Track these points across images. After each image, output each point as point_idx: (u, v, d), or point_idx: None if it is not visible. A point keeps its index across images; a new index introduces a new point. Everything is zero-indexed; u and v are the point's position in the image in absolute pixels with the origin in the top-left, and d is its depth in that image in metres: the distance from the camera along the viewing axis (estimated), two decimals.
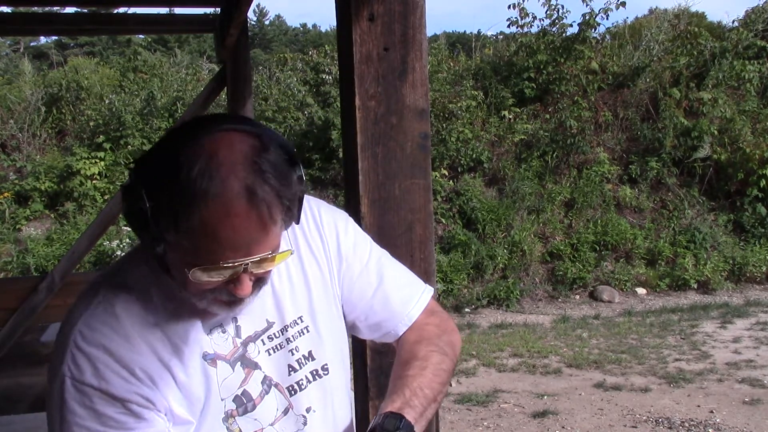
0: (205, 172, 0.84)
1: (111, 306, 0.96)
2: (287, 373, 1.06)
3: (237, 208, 0.84)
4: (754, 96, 10.39)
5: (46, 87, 11.12)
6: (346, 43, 1.30)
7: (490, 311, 8.40)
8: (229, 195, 0.84)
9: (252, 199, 0.85)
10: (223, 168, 0.84)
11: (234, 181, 0.84)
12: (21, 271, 8.77)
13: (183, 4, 4.02)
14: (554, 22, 10.84)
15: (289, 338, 1.06)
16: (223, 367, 1.00)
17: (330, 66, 10.81)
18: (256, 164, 0.86)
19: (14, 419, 3.48)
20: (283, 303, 1.06)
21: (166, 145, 0.89)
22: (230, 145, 0.87)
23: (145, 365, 0.94)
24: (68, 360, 0.93)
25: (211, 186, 0.83)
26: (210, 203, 0.83)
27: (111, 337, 0.94)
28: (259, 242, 0.88)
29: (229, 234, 0.85)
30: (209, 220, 0.84)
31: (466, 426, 4.60)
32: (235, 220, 0.84)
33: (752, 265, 8.97)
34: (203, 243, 0.86)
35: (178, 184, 0.84)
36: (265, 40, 33.03)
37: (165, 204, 0.85)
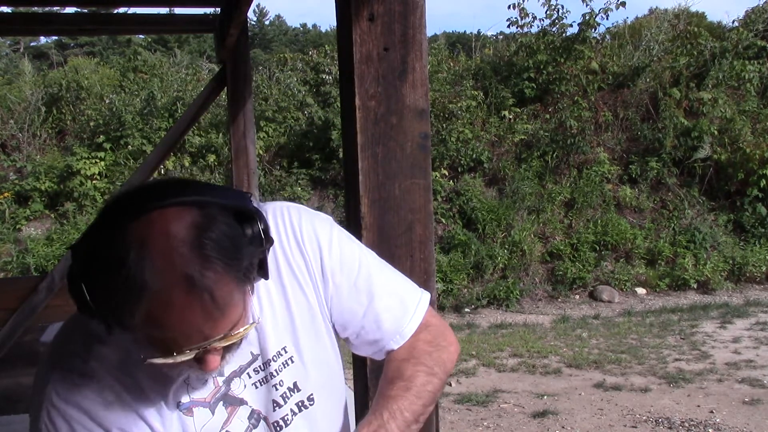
0: (139, 265, 0.78)
1: (85, 360, 0.93)
2: (272, 408, 1.03)
3: (178, 300, 0.79)
4: (754, 96, 10.39)
5: (46, 87, 11.12)
6: (346, 43, 1.30)
7: (490, 311, 8.40)
8: (167, 288, 0.78)
9: (192, 290, 0.79)
10: (159, 258, 0.79)
11: (171, 273, 0.79)
12: (21, 271, 8.77)
13: (183, 4, 4.02)
14: (554, 22, 10.85)
15: (272, 373, 1.02)
16: (200, 413, 0.98)
17: (330, 66, 10.81)
18: (196, 248, 0.80)
19: (14, 419, 3.47)
20: (266, 334, 1.02)
21: (100, 232, 0.83)
22: (166, 230, 0.80)
23: (121, 423, 0.93)
24: (44, 417, 0.92)
25: (148, 279, 0.78)
26: (149, 298, 0.78)
27: (85, 395, 0.92)
28: (212, 327, 0.83)
29: (176, 325, 0.80)
30: (153, 314, 0.79)
31: (466, 426, 4.60)
32: (179, 313, 0.80)
33: (752, 265, 8.98)
34: (153, 335, 0.82)
35: (113, 279, 0.79)
36: (265, 40, 33.03)
37: (105, 300, 0.80)
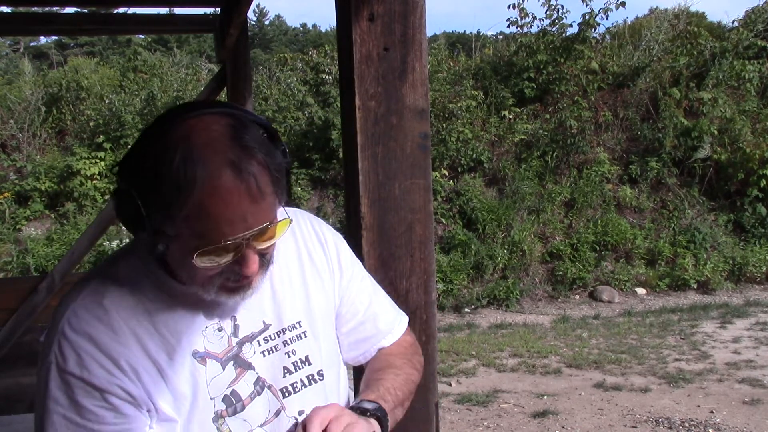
0: (187, 159, 0.85)
1: (100, 297, 0.96)
2: (282, 374, 1.06)
3: (225, 185, 0.86)
4: (754, 96, 10.39)
5: (46, 87, 11.12)
6: (346, 43, 1.30)
7: (490, 311, 8.40)
8: (214, 174, 0.85)
9: (238, 173, 0.86)
10: (205, 150, 0.86)
11: (217, 160, 0.86)
12: (21, 271, 8.77)
13: (183, 4, 4.02)
14: (554, 22, 10.85)
15: (286, 341, 1.06)
16: (212, 365, 1.00)
17: (330, 66, 10.81)
18: (236, 140, 0.88)
19: (14, 419, 3.47)
20: (282, 306, 1.07)
21: (145, 142, 0.91)
22: (206, 127, 0.89)
23: (130, 358, 0.94)
24: (55, 348, 0.94)
25: (196, 169, 0.85)
26: (198, 186, 0.85)
27: (97, 327, 0.94)
28: (254, 214, 0.89)
29: (222, 211, 0.86)
30: (201, 202, 0.85)
31: (466, 426, 4.60)
32: (226, 197, 0.86)
33: (752, 265, 8.97)
34: (201, 226, 0.87)
35: (163, 177, 0.86)
36: (265, 40, 33.02)
37: (156, 199, 0.87)
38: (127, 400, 0.94)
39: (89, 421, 0.93)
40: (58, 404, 0.93)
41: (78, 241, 4.18)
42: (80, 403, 0.92)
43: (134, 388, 0.94)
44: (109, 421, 0.93)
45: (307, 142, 10.21)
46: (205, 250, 0.89)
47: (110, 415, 0.93)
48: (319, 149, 10.11)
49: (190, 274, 0.94)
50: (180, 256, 0.92)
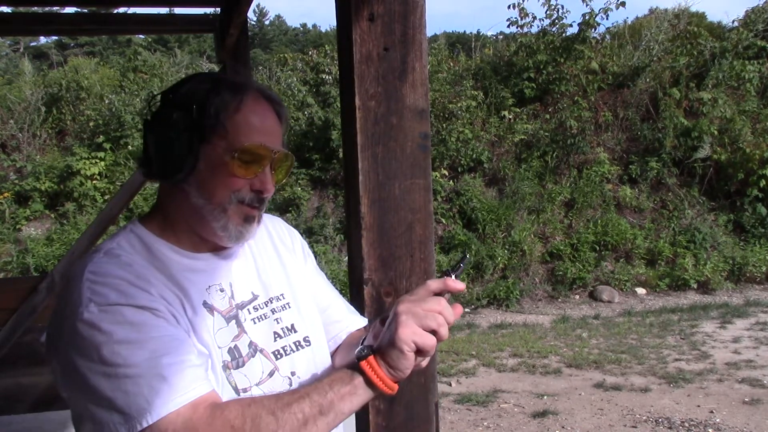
0: (235, 83, 1.10)
1: (115, 257, 1.03)
2: (273, 339, 1.14)
3: (262, 102, 1.11)
4: (754, 96, 10.39)
5: (46, 87, 11.13)
6: (346, 43, 1.31)
7: (490, 311, 8.40)
8: (254, 93, 1.10)
9: (268, 98, 1.13)
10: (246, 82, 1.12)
11: (257, 88, 1.13)
12: (21, 271, 8.77)
13: (183, 4, 4.02)
14: (554, 22, 10.86)
15: (274, 309, 1.17)
16: (218, 318, 1.08)
17: (330, 66, 10.82)
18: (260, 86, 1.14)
19: (14, 419, 3.48)
20: (266, 279, 1.19)
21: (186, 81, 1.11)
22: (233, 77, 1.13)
23: (161, 292, 1.01)
24: (87, 294, 0.95)
25: (244, 86, 1.09)
26: (248, 95, 1.08)
27: (122, 272, 1.00)
28: (278, 137, 1.12)
29: (262, 120, 1.09)
30: (249, 108, 1.08)
31: (466, 426, 4.60)
32: (264, 110, 1.10)
33: (752, 265, 8.98)
34: (246, 129, 1.06)
35: (219, 91, 1.07)
36: (265, 40, 33.04)
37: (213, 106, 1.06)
38: (172, 318, 0.99)
39: (146, 332, 0.94)
40: (112, 334, 0.92)
41: (78, 241, 4.18)
42: (134, 320, 0.94)
43: (174, 311, 1.01)
44: (165, 328, 0.96)
45: (307, 142, 10.22)
46: (246, 147, 1.05)
47: (164, 324, 0.97)
48: (319, 149, 10.11)
49: (213, 189, 1.06)
50: (213, 166, 1.06)
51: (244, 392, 1.06)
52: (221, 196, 1.06)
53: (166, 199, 1.12)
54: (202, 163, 1.05)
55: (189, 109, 1.05)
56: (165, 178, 1.09)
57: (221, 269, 1.13)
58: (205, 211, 1.07)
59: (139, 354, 0.92)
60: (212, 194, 1.06)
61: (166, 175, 1.08)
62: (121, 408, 0.91)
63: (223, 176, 1.05)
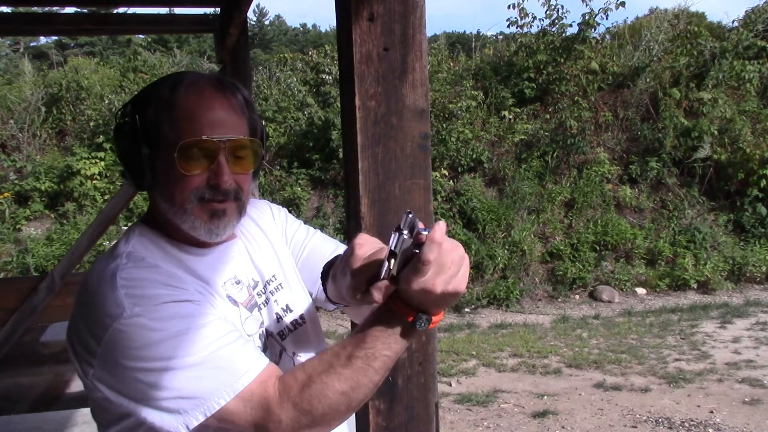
0: (178, 79, 1.07)
1: (141, 259, 1.05)
2: (276, 321, 1.19)
3: (208, 91, 1.06)
4: (754, 96, 10.39)
5: (46, 87, 11.12)
6: (346, 43, 1.31)
7: (490, 311, 8.40)
8: (200, 84, 1.06)
9: (220, 86, 1.07)
10: (192, 75, 1.09)
11: (204, 77, 1.08)
12: (21, 271, 8.77)
13: (183, 4, 4.02)
14: (554, 22, 10.85)
15: (272, 291, 1.20)
16: (242, 310, 1.12)
17: (330, 66, 10.81)
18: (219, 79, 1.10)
19: (14, 419, 3.48)
20: (258, 264, 1.21)
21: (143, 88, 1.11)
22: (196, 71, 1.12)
23: (196, 288, 1.04)
24: (125, 301, 0.96)
25: (185, 80, 1.06)
26: (185, 91, 1.04)
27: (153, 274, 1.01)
28: (232, 124, 1.06)
29: (204, 112, 1.04)
30: (186, 102, 1.03)
31: (466, 426, 4.60)
32: (208, 101, 1.05)
33: (752, 265, 8.97)
34: (184, 124, 1.03)
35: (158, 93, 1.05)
36: (265, 40, 33.05)
37: (152, 110, 1.04)
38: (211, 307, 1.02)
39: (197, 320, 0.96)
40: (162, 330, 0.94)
41: (78, 241, 4.18)
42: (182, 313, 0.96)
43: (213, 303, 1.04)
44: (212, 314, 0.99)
45: (307, 142, 10.21)
46: (186, 143, 1.01)
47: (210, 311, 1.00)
48: (319, 149, 10.11)
49: (172, 193, 1.05)
50: (165, 168, 1.04)
51: None
52: (180, 197, 1.05)
53: (151, 204, 1.14)
54: (159, 169, 1.05)
55: (133, 119, 1.05)
56: (138, 188, 1.11)
57: (228, 261, 1.15)
58: (170, 214, 1.07)
59: (198, 342, 0.94)
60: (172, 197, 1.06)
61: (136, 186, 1.09)
62: (191, 394, 0.93)
63: (176, 177, 1.04)
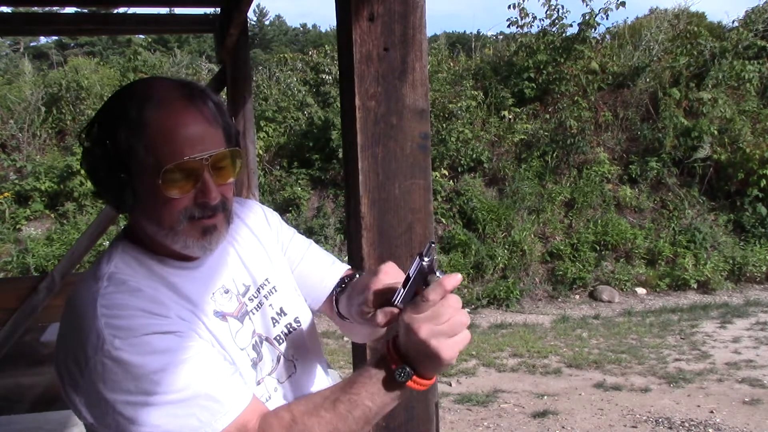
0: (146, 95, 0.99)
1: (122, 282, 1.00)
2: (272, 325, 1.16)
3: (179, 107, 0.99)
4: (754, 96, 10.39)
5: (46, 87, 11.12)
6: (346, 43, 1.31)
7: (490, 311, 8.40)
8: (169, 99, 0.99)
9: (190, 98, 1.01)
10: (161, 88, 1.01)
11: (171, 89, 1.01)
12: (21, 271, 8.77)
13: (183, 4, 4.02)
14: (554, 22, 10.85)
15: (266, 295, 1.18)
16: (232, 322, 1.09)
17: (330, 66, 10.81)
18: (186, 86, 1.04)
19: (14, 419, 3.47)
20: (251, 267, 1.18)
21: (105, 104, 1.03)
22: (159, 82, 1.04)
23: (178, 313, 1.00)
24: (106, 332, 0.93)
25: (154, 96, 0.99)
26: (156, 110, 0.97)
27: (135, 301, 0.97)
28: (211, 138, 1.01)
29: (179, 130, 0.98)
30: (160, 123, 0.97)
31: (466, 426, 4.60)
32: (181, 118, 0.98)
33: (752, 265, 8.97)
34: (162, 147, 0.97)
35: (126, 115, 0.98)
36: (265, 40, 33.05)
37: (123, 134, 0.97)
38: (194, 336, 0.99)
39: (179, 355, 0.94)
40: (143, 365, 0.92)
41: (78, 241, 4.19)
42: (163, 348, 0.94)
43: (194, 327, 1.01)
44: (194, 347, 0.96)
45: (307, 142, 10.21)
46: (168, 168, 0.96)
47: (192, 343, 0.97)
48: (319, 149, 10.11)
49: (159, 216, 1.00)
50: (148, 193, 0.99)
51: (258, 385, 1.09)
52: (169, 220, 1.01)
53: (133, 222, 1.09)
54: (140, 192, 1.00)
55: (104, 144, 0.98)
56: (118, 212, 1.08)
57: (217, 270, 1.12)
58: (160, 236, 1.03)
59: (180, 378, 0.93)
60: (160, 221, 1.01)
61: (116, 210, 1.07)
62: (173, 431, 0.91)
63: (162, 201, 0.99)
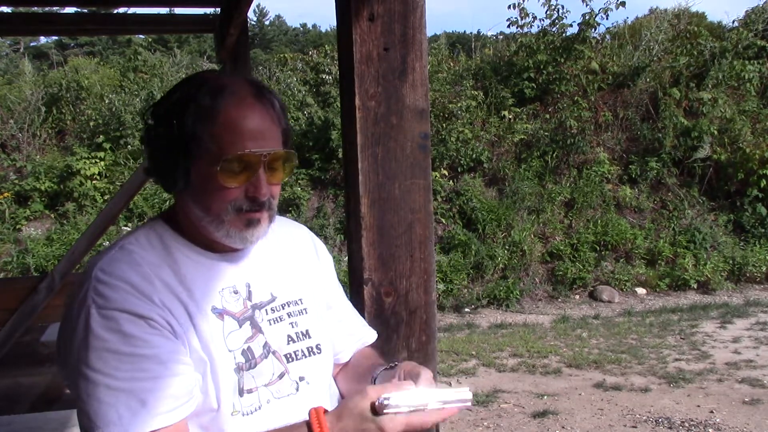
0: (218, 85, 1.05)
1: (128, 253, 1.06)
2: (286, 342, 1.15)
3: (249, 101, 1.05)
4: (754, 96, 10.39)
5: (46, 87, 11.12)
6: (346, 43, 1.31)
7: (490, 311, 8.40)
8: (241, 92, 1.05)
9: (259, 96, 1.07)
10: (233, 82, 1.07)
11: (243, 84, 1.07)
12: (21, 271, 8.76)
13: (183, 4, 4.02)
14: (554, 22, 10.85)
15: (290, 313, 1.18)
16: (229, 322, 1.09)
17: (330, 66, 10.81)
18: (255, 83, 1.10)
19: (14, 419, 3.47)
20: (287, 282, 1.19)
21: (176, 88, 1.08)
22: (225, 75, 1.10)
23: (163, 298, 1.02)
24: (91, 293, 0.99)
25: (227, 88, 1.04)
26: (227, 100, 1.03)
27: (129, 272, 1.02)
28: (272, 136, 1.07)
29: (246, 123, 1.03)
30: (229, 113, 1.03)
31: (466, 426, 4.60)
32: (250, 112, 1.04)
33: (752, 265, 8.97)
34: (226, 136, 1.03)
35: (197, 100, 1.03)
36: (265, 40, 33.05)
37: (190, 120, 1.03)
38: (167, 329, 1.00)
39: (137, 347, 0.97)
40: (105, 341, 0.96)
41: (78, 241, 4.18)
42: (127, 332, 0.97)
43: (172, 321, 1.01)
44: (156, 344, 0.98)
45: (307, 142, 10.21)
46: (229, 158, 1.01)
47: (156, 339, 0.98)
48: (319, 149, 10.10)
49: (208, 203, 1.05)
50: (203, 179, 1.04)
51: (248, 393, 1.08)
52: (217, 208, 1.05)
53: (177, 204, 1.13)
54: (194, 177, 1.05)
55: (170, 124, 1.03)
56: (167, 191, 1.11)
57: (238, 269, 1.14)
58: (205, 222, 1.07)
59: (124, 368, 0.95)
60: (208, 207, 1.06)
61: (166, 189, 1.10)
62: (90, 414, 0.95)
63: (215, 189, 1.04)
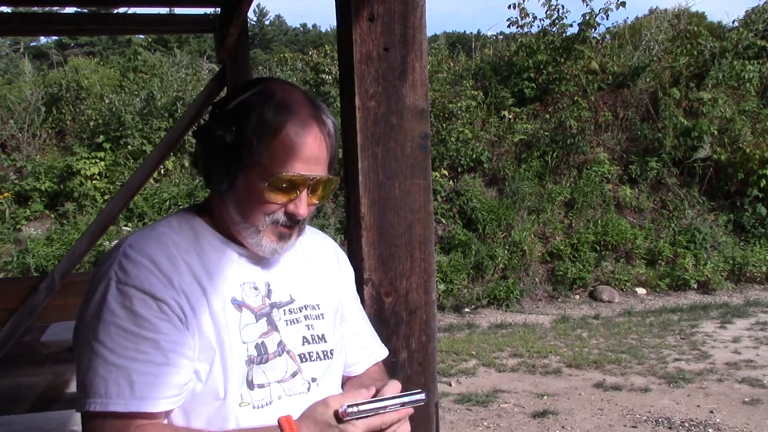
0: (284, 103, 1.09)
1: (159, 234, 1.11)
2: (301, 343, 1.18)
3: (310, 126, 1.10)
4: (754, 96, 10.39)
5: (46, 87, 11.11)
6: (346, 43, 1.31)
7: (490, 311, 8.40)
8: (304, 116, 1.09)
9: (319, 122, 1.11)
10: (296, 101, 1.11)
11: (307, 108, 1.11)
12: (21, 271, 8.76)
13: (183, 4, 4.02)
14: (554, 22, 10.85)
15: (307, 316, 1.20)
16: (246, 314, 1.12)
17: (330, 66, 10.81)
18: (312, 101, 1.14)
19: (14, 419, 3.47)
20: (306, 286, 1.22)
21: (240, 93, 1.12)
22: (291, 89, 1.14)
23: (182, 282, 1.06)
24: (115, 266, 1.04)
25: (292, 108, 1.09)
26: (289, 121, 1.07)
27: (156, 251, 1.06)
28: (320, 162, 1.11)
29: (303, 149, 1.08)
30: (288, 135, 1.07)
31: (466, 426, 4.60)
32: (308, 137, 1.09)
33: (752, 265, 8.97)
34: (281, 156, 1.07)
35: (261, 113, 1.07)
36: (265, 40, 33.04)
37: (249, 130, 1.07)
38: (178, 315, 1.04)
39: (143, 329, 1.01)
40: (115, 315, 1.01)
41: (78, 241, 4.18)
42: (137, 311, 1.01)
43: (186, 306, 1.05)
44: (162, 330, 1.02)
45: None
46: (279, 176, 1.06)
47: (164, 325, 1.02)
48: None
49: (247, 210, 1.10)
50: (248, 188, 1.08)
51: (260, 387, 1.11)
52: (255, 218, 1.10)
53: (214, 200, 1.17)
54: (239, 183, 1.09)
55: (230, 130, 1.08)
56: (209, 188, 1.15)
57: (260, 268, 1.17)
58: (240, 227, 1.12)
59: (125, 345, 1.00)
60: (247, 215, 1.10)
61: (209, 187, 1.14)
62: (83, 382, 1.00)
63: (258, 200, 1.09)
